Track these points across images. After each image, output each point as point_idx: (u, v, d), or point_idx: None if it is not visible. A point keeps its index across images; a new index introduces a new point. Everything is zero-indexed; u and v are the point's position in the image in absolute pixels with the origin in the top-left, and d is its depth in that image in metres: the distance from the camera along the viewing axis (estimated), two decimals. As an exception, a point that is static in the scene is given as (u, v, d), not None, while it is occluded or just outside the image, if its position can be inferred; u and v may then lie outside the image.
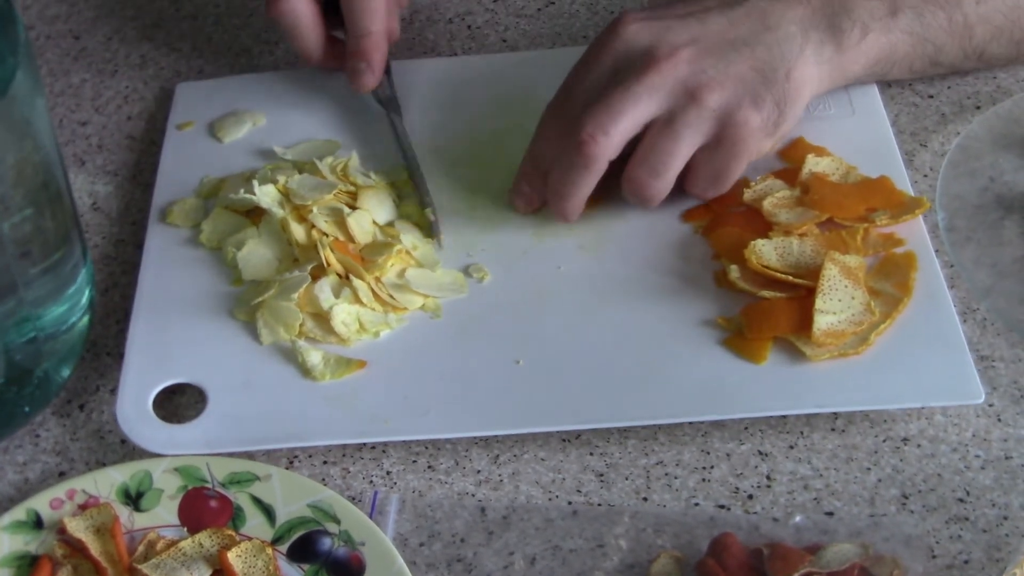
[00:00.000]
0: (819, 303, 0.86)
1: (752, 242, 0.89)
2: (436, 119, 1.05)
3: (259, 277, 0.93)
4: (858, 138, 0.98)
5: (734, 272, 0.89)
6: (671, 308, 0.90)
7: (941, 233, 0.91)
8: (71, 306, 0.88)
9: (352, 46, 1.02)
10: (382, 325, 0.91)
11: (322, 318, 0.90)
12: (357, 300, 0.91)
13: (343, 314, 0.90)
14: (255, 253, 0.94)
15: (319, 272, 0.92)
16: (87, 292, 0.90)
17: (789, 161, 0.97)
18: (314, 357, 0.89)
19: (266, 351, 0.90)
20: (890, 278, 0.89)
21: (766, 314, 0.87)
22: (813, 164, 0.95)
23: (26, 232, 0.81)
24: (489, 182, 1.00)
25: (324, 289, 0.90)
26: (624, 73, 0.91)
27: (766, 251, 0.89)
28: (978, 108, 1.02)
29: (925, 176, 0.98)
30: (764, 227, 0.92)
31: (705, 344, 0.87)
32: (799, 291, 0.88)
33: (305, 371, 0.89)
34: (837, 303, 0.86)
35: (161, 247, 0.97)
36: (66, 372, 0.89)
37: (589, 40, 1.11)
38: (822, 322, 0.85)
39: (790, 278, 0.88)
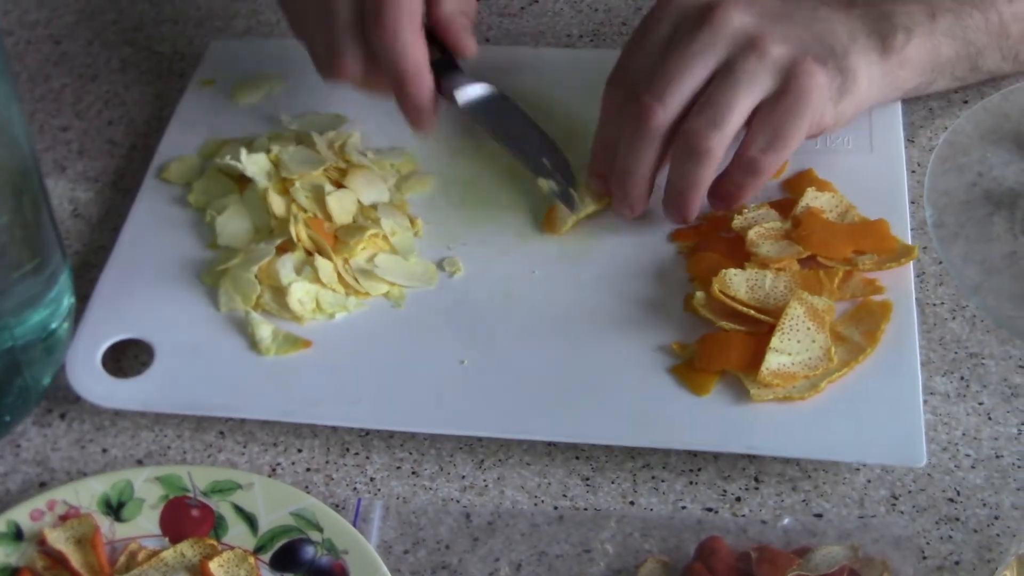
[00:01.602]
0: (775, 342, 0.83)
1: (723, 271, 0.87)
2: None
3: (234, 244, 0.95)
4: (869, 177, 0.95)
5: (699, 299, 0.88)
6: (633, 327, 0.88)
7: (929, 229, 0.90)
8: (50, 313, 0.87)
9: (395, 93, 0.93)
10: (339, 307, 0.91)
11: (281, 292, 0.91)
12: (317, 280, 0.91)
13: (300, 292, 0.90)
14: (234, 220, 0.95)
15: (288, 246, 0.92)
16: (66, 299, 0.89)
17: (792, 192, 0.95)
18: (264, 331, 0.89)
19: (222, 318, 0.91)
20: (860, 326, 0.86)
21: (720, 346, 0.85)
22: (811, 198, 0.92)
23: (2, 240, 0.80)
24: (484, 177, 0.99)
25: (286, 265, 0.91)
26: (683, 30, 0.89)
27: (736, 281, 0.87)
28: (966, 103, 1.01)
29: (913, 172, 0.97)
30: (744, 256, 0.90)
31: (654, 369, 0.86)
32: (761, 327, 0.85)
33: (253, 344, 0.89)
34: (795, 344, 0.84)
35: (151, 203, 0.99)
36: (46, 380, 0.89)
37: (573, 39, 1.11)
38: (773, 361, 0.83)
39: (752, 312, 0.86)
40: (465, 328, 0.90)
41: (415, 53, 0.91)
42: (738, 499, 0.82)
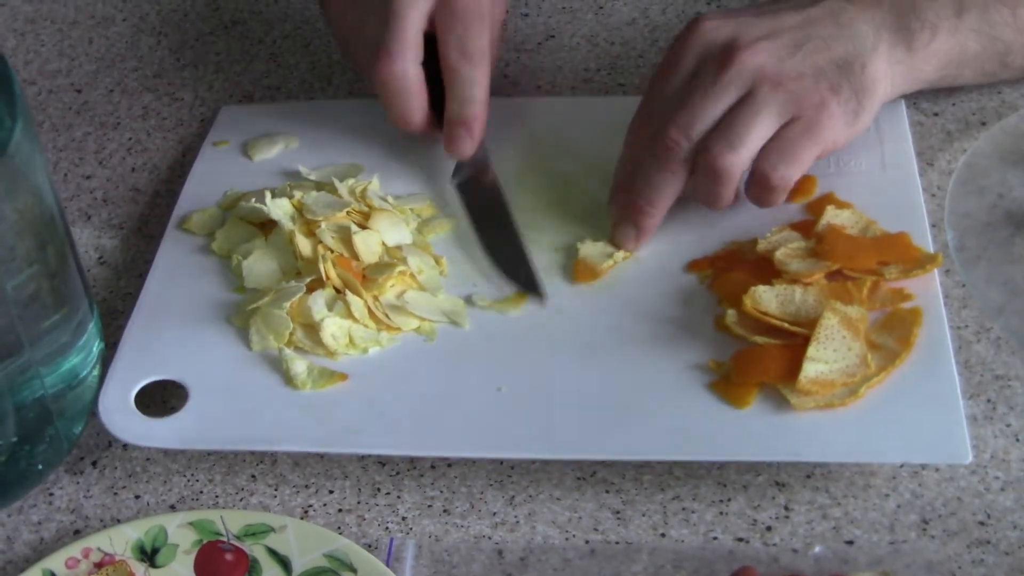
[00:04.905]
0: (811, 351, 0.84)
1: (752, 288, 0.88)
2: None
3: (260, 286, 0.95)
4: (886, 194, 0.96)
5: (731, 317, 0.88)
6: (665, 350, 0.89)
7: (951, 253, 0.91)
8: (80, 361, 0.87)
9: (454, 112, 1.00)
10: (372, 342, 0.91)
11: (312, 329, 0.91)
12: (349, 315, 0.91)
13: (333, 327, 0.91)
14: (260, 262, 0.96)
15: (317, 285, 0.92)
16: (95, 346, 0.90)
17: (813, 213, 0.96)
18: (299, 366, 0.89)
19: (255, 357, 0.91)
20: (893, 332, 0.87)
21: (755, 359, 0.86)
22: (832, 216, 0.93)
23: (30, 291, 0.81)
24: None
25: (317, 301, 0.91)
26: (706, 69, 0.92)
27: (766, 297, 0.88)
28: (984, 124, 1.02)
29: (933, 195, 0.97)
30: (772, 275, 0.90)
31: (691, 386, 0.86)
32: (795, 339, 0.86)
33: (288, 379, 0.89)
34: (832, 353, 0.84)
35: (174, 253, 0.99)
36: (78, 428, 0.89)
37: (590, 73, 1.12)
38: (811, 370, 0.83)
39: (786, 325, 0.86)
40: (499, 358, 0.90)
41: (485, 84, 1.00)
42: (769, 528, 0.82)
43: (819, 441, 0.82)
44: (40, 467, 0.87)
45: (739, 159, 0.90)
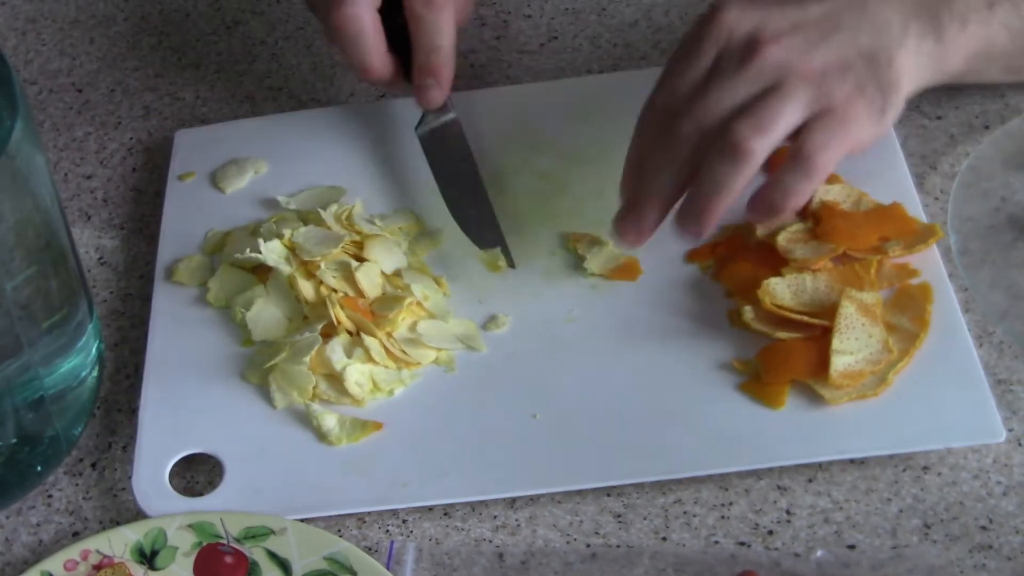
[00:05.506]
0: (836, 343, 0.84)
1: (765, 281, 0.88)
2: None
3: (269, 337, 0.92)
4: (868, 161, 0.95)
5: (748, 313, 0.88)
6: (686, 351, 0.88)
7: (954, 256, 0.90)
8: (79, 362, 0.87)
9: (421, 61, 0.99)
10: (396, 383, 0.89)
11: (335, 379, 0.89)
12: (369, 359, 0.89)
13: (356, 374, 0.89)
14: (264, 312, 0.93)
15: (330, 331, 0.90)
16: (95, 348, 0.89)
17: None
18: (329, 421, 0.87)
19: (280, 415, 0.89)
20: (906, 311, 0.87)
21: (782, 357, 0.86)
22: (823, 192, 0.93)
23: (29, 292, 0.81)
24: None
25: (336, 350, 0.89)
26: (727, 61, 0.87)
27: (779, 290, 0.88)
28: (987, 128, 1.01)
29: (936, 199, 0.97)
30: (777, 262, 0.90)
31: (722, 390, 0.86)
32: (815, 330, 0.86)
33: (321, 435, 0.87)
34: (854, 342, 0.85)
35: (168, 308, 0.96)
36: (77, 430, 0.89)
37: (592, 75, 1.11)
38: (839, 363, 0.84)
39: (805, 318, 0.87)
40: (524, 382, 0.89)
41: (450, 30, 1.00)
42: (770, 532, 0.82)
43: (859, 435, 0.83)
44: (39, 468, 0.87)
45: (768, 142, 0.84)
